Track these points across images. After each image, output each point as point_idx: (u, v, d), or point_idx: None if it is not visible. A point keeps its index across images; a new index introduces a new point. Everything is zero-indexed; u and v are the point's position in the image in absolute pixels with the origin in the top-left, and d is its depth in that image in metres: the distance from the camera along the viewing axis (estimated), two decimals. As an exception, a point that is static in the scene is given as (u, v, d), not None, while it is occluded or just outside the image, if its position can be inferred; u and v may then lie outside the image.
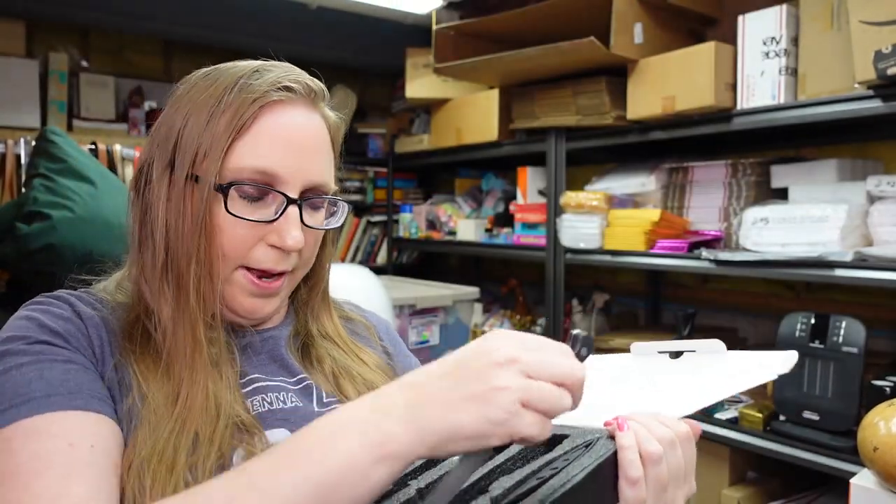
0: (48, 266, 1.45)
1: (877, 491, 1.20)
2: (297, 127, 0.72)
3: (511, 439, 0.48)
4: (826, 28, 1.58)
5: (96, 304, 0.71)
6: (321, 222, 0.77)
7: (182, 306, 0.68)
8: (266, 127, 0.70)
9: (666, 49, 1.88)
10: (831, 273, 1.52)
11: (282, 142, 0.71)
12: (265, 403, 0.72)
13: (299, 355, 0.80)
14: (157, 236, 0.69)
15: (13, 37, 2.39)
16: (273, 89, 0.71)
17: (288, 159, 0.71)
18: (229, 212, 0.69)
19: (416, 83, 2.73)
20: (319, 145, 0.75)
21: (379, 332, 0.92)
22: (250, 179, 0.69)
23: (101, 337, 0.67)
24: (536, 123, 2.23)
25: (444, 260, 3.54)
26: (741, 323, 2.25)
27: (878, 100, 1.45)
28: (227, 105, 0.69)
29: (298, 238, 0.71)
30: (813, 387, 1.58)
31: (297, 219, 0.71)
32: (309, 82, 0.75)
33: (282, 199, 0.71)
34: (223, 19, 2.61)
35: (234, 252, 0.70)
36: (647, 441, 0.58)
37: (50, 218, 1.43)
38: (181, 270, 0.68)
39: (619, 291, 2.64)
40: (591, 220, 2.05)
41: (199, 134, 0.69)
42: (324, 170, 0.75)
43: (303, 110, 0.74)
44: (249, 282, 0.72)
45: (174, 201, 0.69)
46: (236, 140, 0.69)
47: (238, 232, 0.70)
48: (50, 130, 1.61)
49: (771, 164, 1.86)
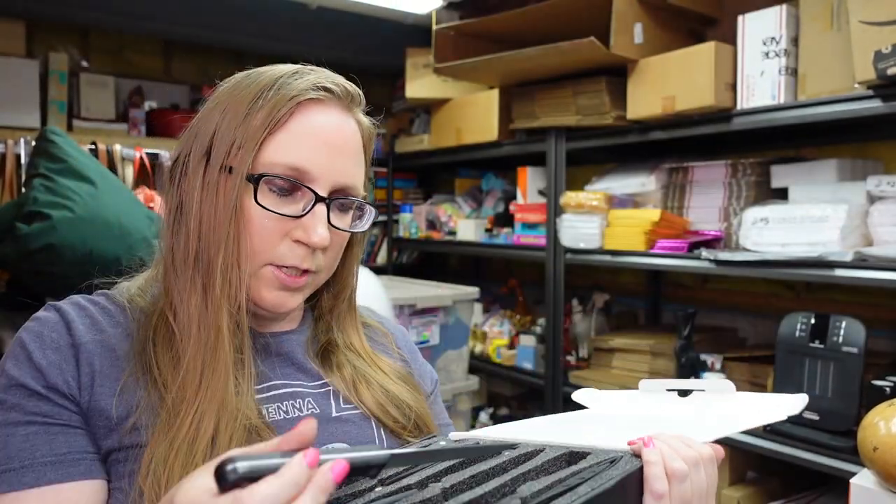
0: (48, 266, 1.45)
1: (877, 491, 1.20)
2: (331, 127, 0.73)
3: None
4: (826, 28, 1.58)
5: (100, 319, 0.70)
6: (347, 225, 0.77)
7: (210, 295, 0.68)
8: (301, 124, 0.71)
9: (666, 49, 1.88)
10: (831, 273, 1.52)
11: (315, 140, 0.71)
12: (280, 412, 0.72)
13: (318, 360, 0.80)
14: (192, 224, 0.70)
15: (13, 37, 2.39)
16: (311, 88, 0.72)
17: (320, 157, 0.71)
18: (258, 203, 0.70)
19: (416, 83, 2.73)
20: (352, 148, 0.75)
21: (397, 340, 0.93)
22: (282, 174, 0.70)
23: (91, 364, 0.66)
24: (536, 123, 2.23)
25: (444, 260, 3.54)
26: (741, 323, 2.25)
27: (877, 100, 1.45)
28: (264, 101, 0.71)
29: (324, 235, 0.71)
30: (813, 387, 1.58)
31: (325, 217, 0.72)
32: (347, 85, 0.77)
33: (311, 196, 0.71)
34: (223, 19, 2.61)
35: (262, 245, 0.71)
36: (673, 459, 0.59)
37: (50, 218, 1.43)
38: (211, 258, 0.69)
39: (619, 291, 2.64)
40: (591, 220, 2.05)
41: (236, 128, 0.70)
42: (354, 173, 0.75)
43: (338, 112, 0.75)
44: (275, 277, 0.72)
45: (208, 191, 0.70)
46: (271, 135, 0.70)
47: (266, 224, 0.70)
48: (50, 130, 1.61)
49: (771, 164, 1.86)
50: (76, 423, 0.64)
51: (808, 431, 1.58)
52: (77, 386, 0.65)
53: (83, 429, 0.64)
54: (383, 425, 0.77)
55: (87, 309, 0.71)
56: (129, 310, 0.72)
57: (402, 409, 0.79)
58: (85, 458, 0.63)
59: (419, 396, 0.84)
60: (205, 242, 0.69)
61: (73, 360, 0.66)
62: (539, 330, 2.50)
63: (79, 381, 0.65)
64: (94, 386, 0.65)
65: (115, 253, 1.38)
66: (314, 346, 0.81)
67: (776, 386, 1.66)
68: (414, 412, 0.80)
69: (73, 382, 0.65)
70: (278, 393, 0.74)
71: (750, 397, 0.75)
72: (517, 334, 2.56)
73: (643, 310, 2.58)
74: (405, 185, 3.30)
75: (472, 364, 2.55)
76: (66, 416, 0.64)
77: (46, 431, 0.63)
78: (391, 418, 0.78)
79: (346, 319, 0.85)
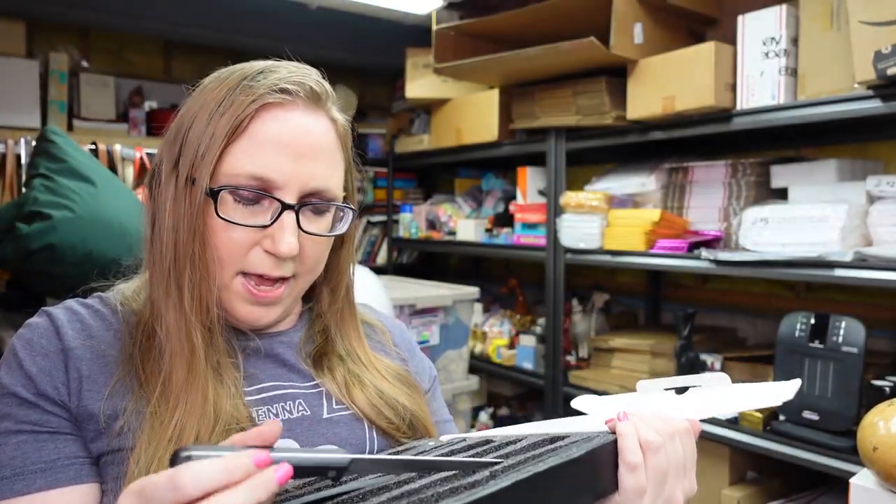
0: (48, 266, 1.45)
1: (876, 490, 1.20)
2: (295, 130, 0.70)
3: None
4: (826, 28, 1.58)
5: (92, 324, 0.70)
6: (327, 228, 0.75)
7: (182, 309, 0.68)
8: (262, 130, 0.69)
9: (666, 49, 1.88)
10: (831, 273, 1.52)
11: (278, 145, 0.69)
12: (270, 414, 0.72)
13: (311, 361, 0.79)
14: (165, 237, 0.69)
15: (13, 37, 2.39)
16: (269, 91, 0.70)
17: (284, 164, 0.69)
18: (221, 216, 0.68)
19: (416, 83, 2.73)
20: (322, 148, 0.73)
21: (394, 337, 0.91)
22: (245, 185, 0.68)
23: (79, 370, 0.66)
24: (536, 123, 2.23)
25: (444, 260, 3.54)
26: (741, 323, 2.25)
27: (877, 100, 1.45)
28: (226, 107, 0.69)
29: (293, 245, 0.69)
30: (813, 387, 1.58)
31: (293, 225, 0.70)
32: (312, 84, 0.73)
33: (277, 205, 0.69)
34: (223, 19, 2.61)
35: (230, 256, 0.70)
36: (647, 431, 0.59)
37: (50, 218, 1.43)
38: (180, 272, 0.68)
39: (619, 291, 2.64)
40: (591, 220, 2.05)
41: (201, 134, 0.69)
42: (326, 174, 0.73)
43: (304, 113, 0.72)
44: (247, 290, 0.71)
45: (177, 204, 0.69)
46: (232, 143, 0.68)
47: (233, 236, 0.69)
48: (50, 130, 1.61)
49: (771, 164, 1.86)
50: (66, 429, 0.65)
51: (808, 431, 1.58)
52: (66, 391, 0.65)
53: (74, 434, 0.65)
54: (376, 427, 0.77)
55: (78, 314, 0.71)
56: (122, 313, 0.72)
57: (397, 410, 0.78)
58: (74, 464, 0.63)
59: (417, 397, 0.83)
60: (175, 256, 0.68)
61: (62, 365, 0.66)
62: (539, 330, 2.50)
63: (68, 387, 0.65)
64: (83, 391, 0.65)
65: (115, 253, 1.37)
66: (308, 347, 0.80)
67: (776, 386, 1.66)
68: (410, 413, 0.79)
69: (63, 388, 0.65)
70: (269, 395, 0.73)
71: (744, 387, 0.76)
72: (517, 334, 2.56)
73: (643, 310, 2.58)
74: (405, 185, 3.30)
75: (472, 364, 2.55)
76: (56, 423, 0.64)
77: (36, 439, 0.63)
78: (385, 419, 0.77)
79: (345, 317, 0.83)
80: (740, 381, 0.75)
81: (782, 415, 1.66)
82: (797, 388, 0.70)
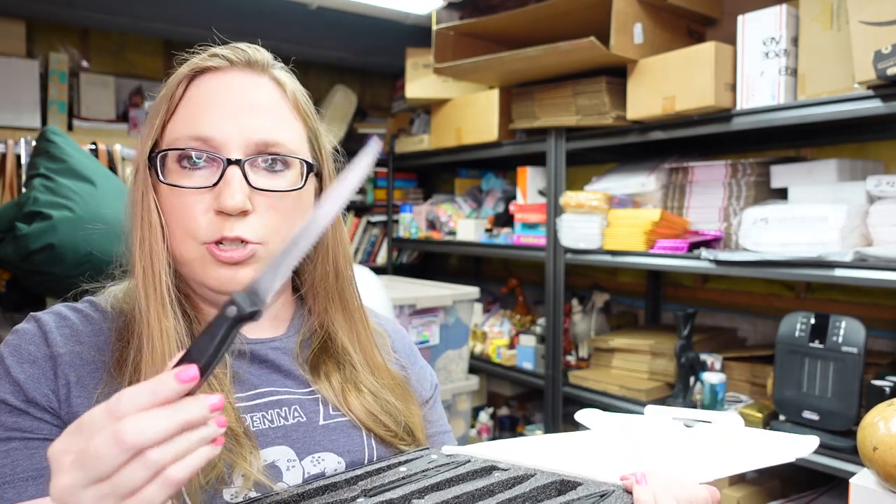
0: (48, 266, 1.45)
1: (876, 490, 1.20)
2: (233, 88, 0.70)
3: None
4: (826, 28, 1.58)
5: (81, 329, 0.69)
6: (286, 186, 0.72)
7: (151, 299, 0.67)
8: (197, 93, 0.70)
9: (666, 49, 1.88)
10: (831, 273, 1.52)
11: (215, 104, 0.69)
12: (265, 420, 0.71)
13: (307, 367, 0.78)
14: (132, 226, 0.70)
15: (14, 37, 2.39)
16: (203, 59, 0.71)
17: (224, 121, 0.68)
18: (163, 181, 0.68)
19: (416, 83, 2.73)
20: (266, 105, 0.71)
21: (394, 343, 0.90)
22: (183, 146, 0.68)
23: (67, 376, 0.65)
24: (536, 123, 2.23)
25: (444, 260, 3.54)
26: (741, 323, 2.25)
27: (877, 100, 1.45)
28: (167, 85, 0.71)
29: (238, 199, 0.67)
30: (813, 387, 1.58)
31: (238, 179, 0.68)
32: (248, 50, 0.73)
33: (221, 162, 0.68)
34: (223, 19, 2.61)
35: (185, 225, 0.68)
36: (665, 499, 0.56)
37: (50, 218, 1.43)
38: (150, 258, 0.68)
39: (619, 291, 2.64)
40: (591, 220, 2.06)
41: (152, 119, 0.71)
42: (274, 128, 0.71)
43: (242, 75, 0.72)
44: (211, 253, 0.69)
45: (136, 189, 0.70)
46: (173, 114, 0.70)
47: (185, 202, 0.68)
48: (50, 130, 1.61)
49: (771, 164, 1.86)
50: (57, 435, 0.62)
51: (808, 431, 1.58)
52: (56, 398, 0.64)
53: None
54: (374, 434, 0.76)
55: (67, 319, 0.70)
56: (112, 315, 0.71)
57: (395, 416, 0.77)
58: None
59: (411, 406, 0.81)
60: (140, 241, 0.69)
61: (50, 371, 0.65)
62: (539, 330, 2.50)
63: (57, 394, 0.64)
64: (71, 397, 0.65)
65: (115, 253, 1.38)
66: (304, 352, 0.79)
67: (776, 386, 1.66)
68: (404, 418, 0.78)
69: (52, 395, 0.64)
70: (264, 401, 0.72)
71: (758, 434, 0.72)
72: (517, 334, 2.56)
73: (643, 310, 2.58)
74: (405, 185, 3.31)
75: (472, 364, 2.55)
76: (47, 430, 0.63)
77: (27, 446, 0.62)
78: (382, 427, 0.76)
79: (339, 316, 0.80)
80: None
81: (782, 415, 1.66)
82: (815, 446, 0.67)
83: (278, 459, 0.70)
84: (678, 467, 0.63)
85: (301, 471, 0.71)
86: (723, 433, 0.74)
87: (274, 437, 0.70)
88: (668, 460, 0.66)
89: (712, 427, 0.76)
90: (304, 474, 0.71)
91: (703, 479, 0.62)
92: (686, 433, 0.77)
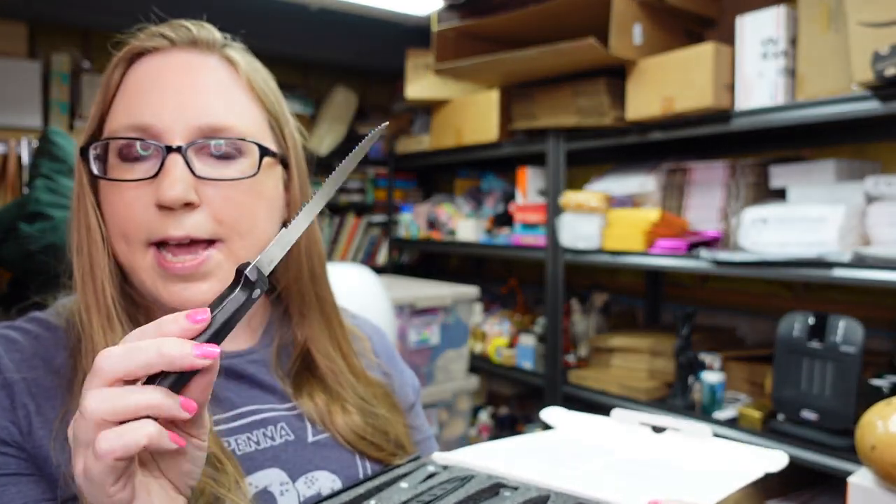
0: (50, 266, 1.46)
1: (874, 489, 1.20)
2: (173, 69, 0.63)
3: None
4: (824, 29, 1.59)
5: (33, 352, 0.62)
6: (238, 173, 0.63)
7: (93, 313, 0.60)
8: (135, 79, 0.63)
9: (665, 50, 1.89)
10: (829, 273, 1.52)
11: (154, 89, 0.62)
12: (251, 443, 0.65)
13: (289, 381, 0.72)
14: (71, 230, 0.65)
15: (15, 38, 2.40)
16: (141, 40, 0.65)
17: (163, 106, 0.61)
18: (97, 175, 0.61)
19: (417, 84, 2.73)
20: (211, 85, 0.64)
21: (374, 345, 0.84)
22: (120, 136, 0.61)
23: (26, 406, 0.58)
24: (536, 124, 2.23)
25: (444, 260, 3.55)
26: (740, 323, 2.26)
27: (875, 100, 1.46)
28: (105, 73, 0.65)
29: (178, 190, 0.58)
30: (811, 386, 1.59)
31: (180, 167, 0.59)
32: (193, 29, 0.67)
33: (160, 151, 0.60)
34: (224, 20, 2.61)
35: (126, 224, 0.61)
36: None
37: (52, 218, 1.44)
38: (88, 262, 0.62)
39: (619, 291, 2.64)
40: (591, 220, 2.06)
41: (91, 111, 0.65)
42: (221, 111, 0.63)
43: (185, 54, 0.65)
44: (159, 264, 0.61)
45: (77, 188, 0.65)
46: (111, 104, 0.63)
47: (124, 198, 0.61)
48: (52, 131, 1.62)
49: (769, 165, 1.87)
50: (26, 469, 0.57)
51: (807, 430, 1.59)
52: (17, 430, 0.58)
53: (36, 475, 0.57)
54: (361, 452, 0.71)
55: (17, 342, 0.62)
56: (67, 333, 0.64)
57: (384, 431, 0.73)
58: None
59: (398, 417, 0.77)
60: (79, 245, 0.63)
61: (7, 401, 0.58)
62: (539, 330, 2.51)
63: (18, 426, 0.58)
64: (33, 429, 0.58)
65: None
66: (283, 363, 0.73)
67: (775, 385, 1.67)
68: (393, 431, 0.74)
69: (13, 427, 0.57)
70: (248, 421, 0.66)
71: (726, 446, 0.70)
72: (517, 334, 2.56)
73: (642, 309, 2.58)
74: (405, 186, 3.31)
75: (472, 364, 2.56)
76: (15, 465, 0.57)
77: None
78: (374, 447, 0.72)
79: (316, 324, 0.74)
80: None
81: (781, 414, 1.66)
82: (785, 461, 0.66)
83: (270, 484, 0.64)
84: (683, 486, 0.62)
85: (296, 494, 0.65)
86: (690, 441, 0.73)
87: (263, 461, 0.65)
88: (668, 475, 0.65)
89: (680, 435, 0.75)
90: (300, 497, 0.66)
91: (709, 502, 0.60)
92: (654, 438, 0.75)
